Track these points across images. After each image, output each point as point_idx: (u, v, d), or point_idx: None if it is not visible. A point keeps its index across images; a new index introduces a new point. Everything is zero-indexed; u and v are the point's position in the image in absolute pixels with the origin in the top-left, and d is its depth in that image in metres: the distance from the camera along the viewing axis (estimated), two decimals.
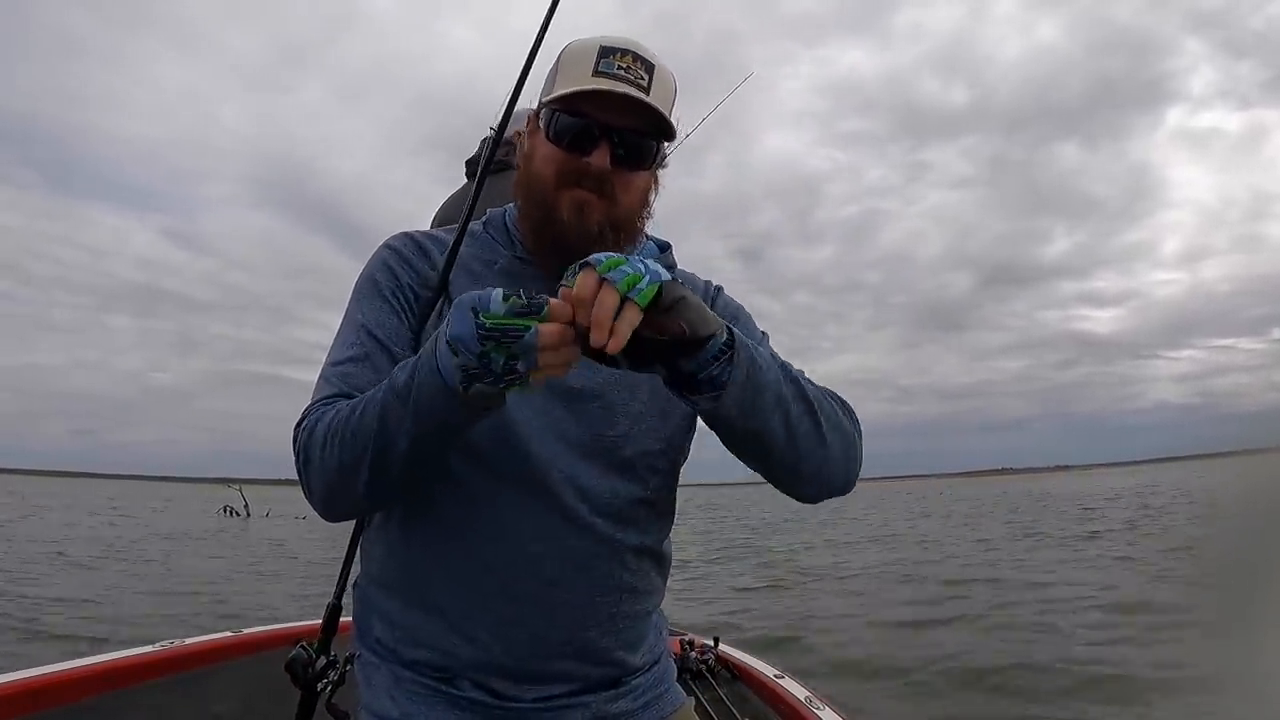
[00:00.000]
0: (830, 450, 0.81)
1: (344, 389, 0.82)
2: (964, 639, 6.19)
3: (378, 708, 0.84)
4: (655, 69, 0.85)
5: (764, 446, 0.79)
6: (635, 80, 0.83)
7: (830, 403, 0.83)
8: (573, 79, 0.84)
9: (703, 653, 2.33)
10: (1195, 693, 3.78)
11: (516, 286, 0.75)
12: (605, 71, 0.82)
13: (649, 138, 0.86)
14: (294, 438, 0.82)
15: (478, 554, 0.82)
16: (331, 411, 0.79)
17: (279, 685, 1.95)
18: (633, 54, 0.84)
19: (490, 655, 0.82)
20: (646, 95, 0.83)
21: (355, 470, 0.75)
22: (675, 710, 0.94)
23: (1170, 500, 25.10)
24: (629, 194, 0.86)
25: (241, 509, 31.89)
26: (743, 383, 0.72)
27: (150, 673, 1.92)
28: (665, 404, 0.88)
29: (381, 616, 0.88)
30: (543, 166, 0.86)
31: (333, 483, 0.78)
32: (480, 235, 0.95)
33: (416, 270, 0.90)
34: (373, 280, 0.89)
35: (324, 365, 0.86)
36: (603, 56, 0.83)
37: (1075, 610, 7.00)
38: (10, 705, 1.60)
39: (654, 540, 0.92)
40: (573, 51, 0.87)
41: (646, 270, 0.64)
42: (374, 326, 0.85)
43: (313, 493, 0.81)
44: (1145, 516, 18.87)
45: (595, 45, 0.85)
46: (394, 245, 0.92)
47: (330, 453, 0.76)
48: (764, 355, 0.76)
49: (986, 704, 4.58)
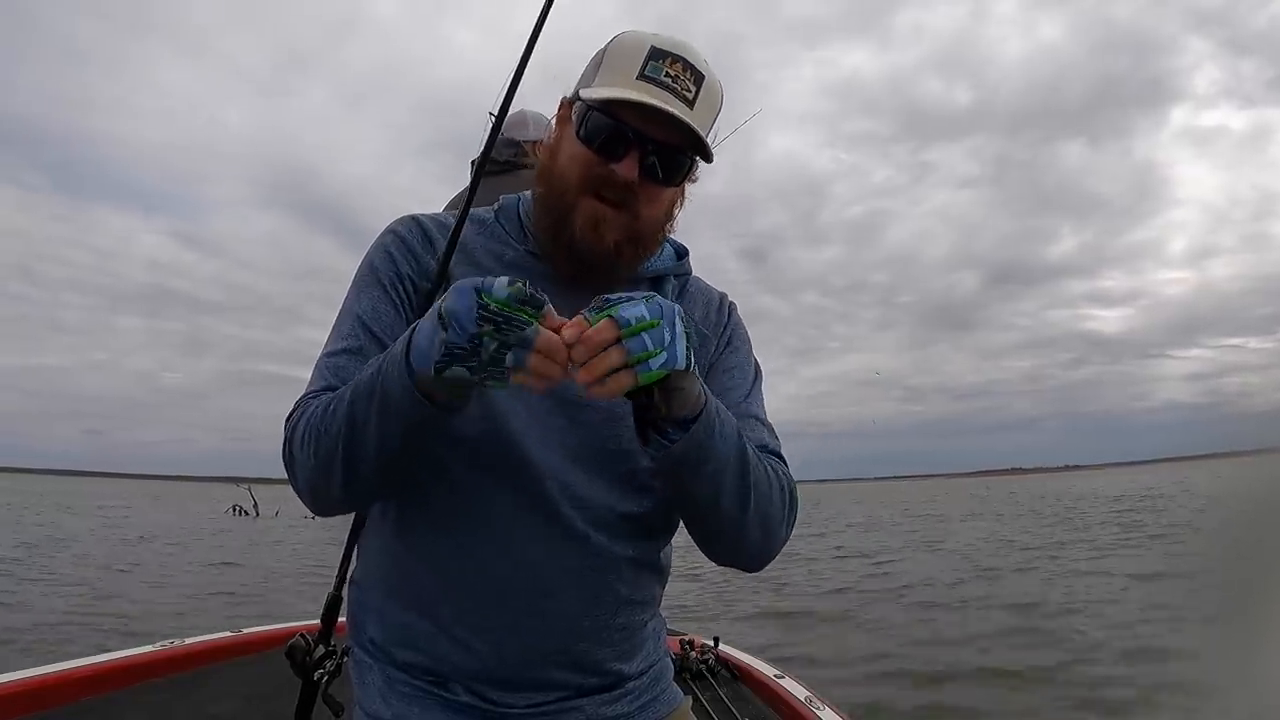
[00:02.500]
0: (747, 534, 0.81)
1: (334, 382, 0.80)
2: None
3: (371, 708, 0.84)
4: (705, 80, 0.80)
5: (689, 507, 0.80)
6: (681, 91, 0.78)
7: (769, 490, 0.81)
8: (616, 78, 0.79)
9: (702, 653, 2.32)
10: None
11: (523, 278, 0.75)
12: (652, 77, 0.78)
13: (683, 154, 0.81)
14: (283, 432, 0.81)
15: (471, 559, 0.81)
16: (315, 405, 0.77)
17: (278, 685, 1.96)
18: (684, 61, 0.79)
19: (482, 662, 0.81)
20: (690, 109, 0.78)
21: (329, 469, 0.75)
22: (672, 710, 0.93)
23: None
24: (652, 207, 0.83)
25: (251, 508, 32.00)
26: (687, 451, 0.72)
27: (150, 673, 1.93)
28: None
29: (375, 614, 0.87)
30: (568, 165, 0.82)
31: (313, 480, 0.77)
32: (490, 224, 0.91)
33: (419, 259, 0.86)
34: (373, 268, 0.86)
35: (320, 355, 0.84)
36: (651, 59, 0.78)
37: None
38: (10, 705, 1.61)
39: (652, 552, 0.90)
40: (622, 45, 0.81)
41: (667, 349, 0.63)
42: (369, 318, 0.83)
43: (300, 489, 0.80)
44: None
45: (646, 45, 0.80)
46: (398, 230, 0.88)
47: (308, 450, 0.75)
48: (725, 431, 0.75)
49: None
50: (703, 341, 0.91)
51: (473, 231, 0.89)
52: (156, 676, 1.93)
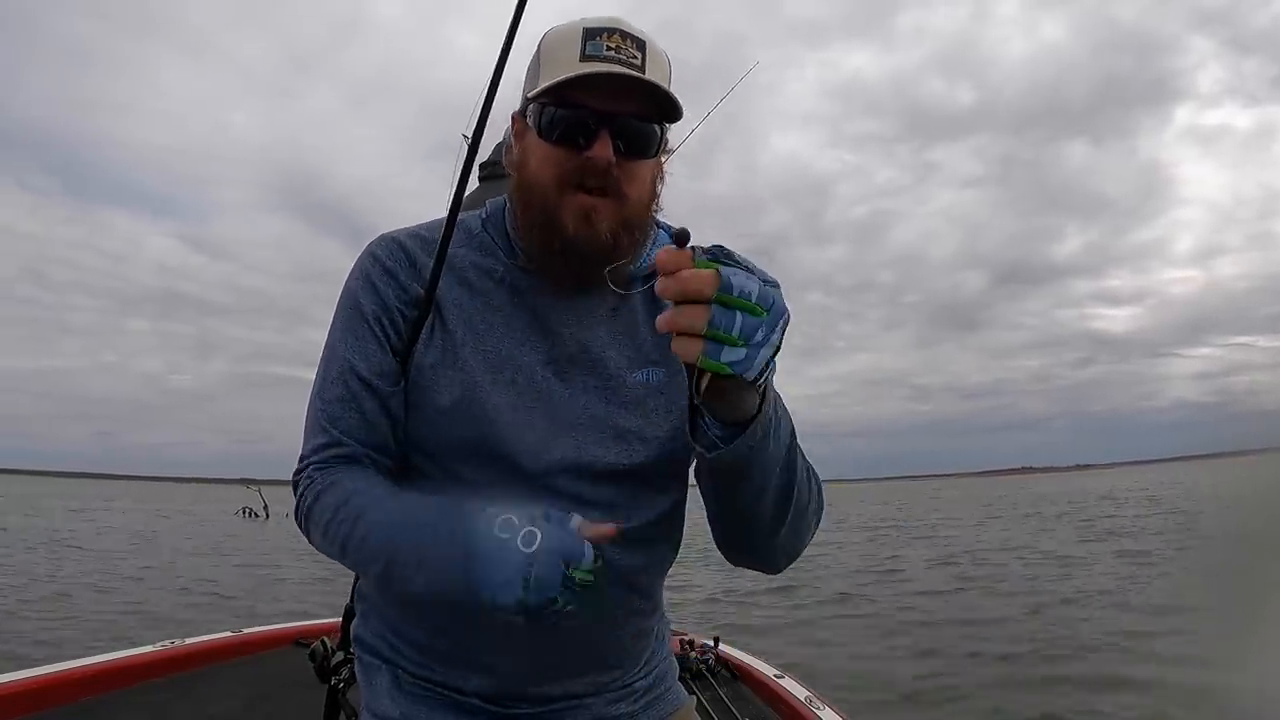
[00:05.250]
0: (776, 542, 0.79)
1: (335, 434, 0.80)
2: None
3: (378, 709, 0.83)
4: (646, 45, 0.78)
5: (722, 509, 0.77)
6: (628, 60, 0.76)
7: (809, 500, 0.79)
8: (559, 67, 0.76)
9: (703, 653, 2.32)
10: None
11: (521, 306, 0.80)
12: (594, 55, 0.75)
13: (651, 121, 0.78)
14: (294, 490, 0.81)
15: None
16: (330, 494, 0.77)
17: (279, 685, 1.97)
18: (620, 32, 0.77)
19: (495, 678, 0.82)
20: (643, 74, 0.76)
21: (356, 569, 0.81)
22: (676, 710, 0.93)
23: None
24: (635, 186, 0.79)
25: (260, 510, 32.18)
26: (734, 460, 0.69)
27: (150, 673, 1.93)
28: (678, 430, 0.84)
29: (384, 623, 0.87)
30: (540, 169, 0.78)
31: (334, 561, 0.80)
32: (478, 234, 0.88)
33: (404, 286, 0.83)
34: (356, 302, 0.83)
35: (312, 393, 0.83)
36: (588, 39, 0.76)
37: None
38: (10, 705, 1.61)
39: (660, 561, 0.90)
40: (554, 38, 0.79)
41: (749, 348, 0.58)
42: (358, 362, 0.81)
43: (316, 551, 0.83)
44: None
45: (578, 29, 0.77)
46: (378, 254, 0.84)
47: (330, 547, 0.78)
48: (779, 439, 0.71)
49: None
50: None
51: (460, 244, 0.86)
52: (156, 676, 1.94)
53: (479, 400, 0.79)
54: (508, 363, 0.81)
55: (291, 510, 0.85)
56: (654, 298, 0.79)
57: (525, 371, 0.81)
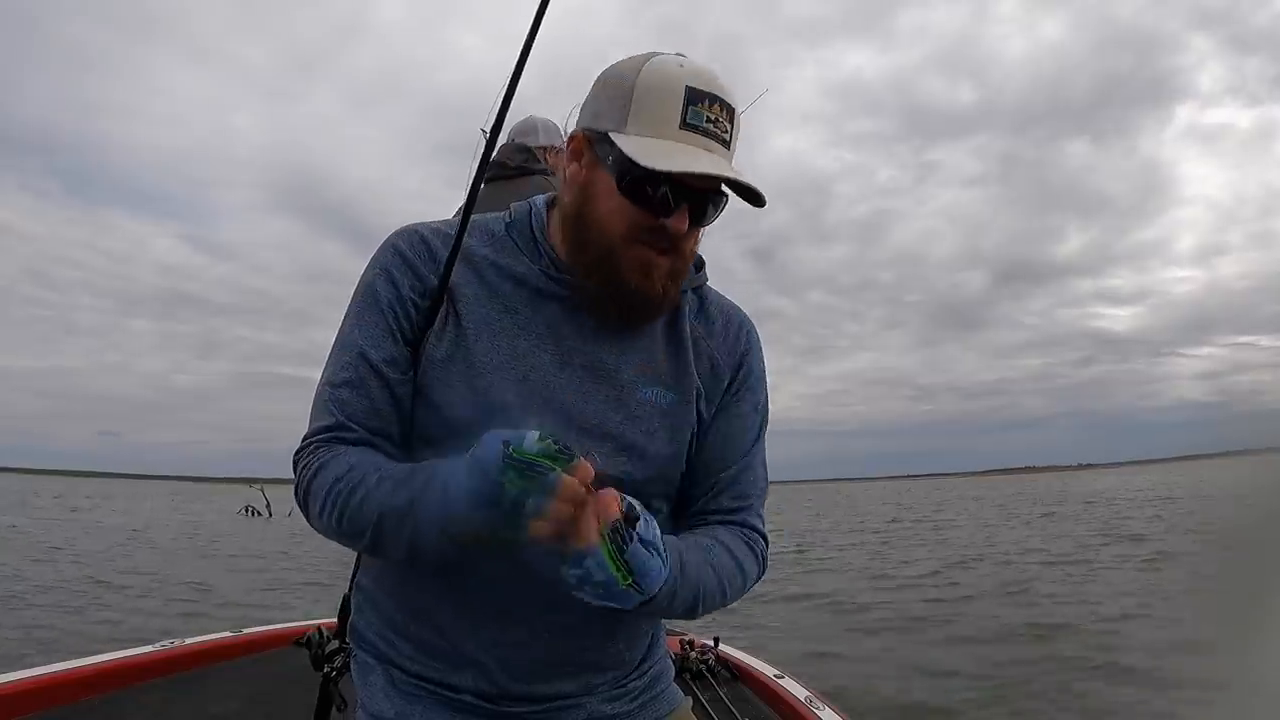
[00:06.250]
0: (686, 616, 0.82)
1: (340, 418, 0.80)
2: None
3: (374, 707, 0.84)
4: (735, 113, 0.79)
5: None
6: (720, 135, 0.77)
7: (728, 596, 0.84)
8: (656, 127, 0.76)
9: (703, 652, 2.31)
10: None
11: (540, 310, 0.79)
12: (694, 124, 0.75)
13: (722, 194, 0.81)
14: (294, 468, 0.81)
15: (478, 572, 0.80)
16: (331, 467, 0.77)
17: (279, 685, 1.97)
18: (720, 101, 0.77)
19: (490, 677, 0.82)
20: (728, 149, 0.78)
21: (353, 542, 0.80)
22: (672, 710, 0.94)
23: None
24: (691, 244, 0.83)
25: (263, 508, 32.17)
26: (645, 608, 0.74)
27: (150, 673, 1.94)
28: (678, 446, 0.86)
29: (381, 618, 0.87)
30: (609, 217, 0.79)
31: (332, 538, 0.80)
32: (500, 236, 0.87)
33: (420, 277, 0.83)
34: (372, 290, 0.83)
35: (321, 380, 0.84)
36: (691, 103, 0.75)
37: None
38: (10, 705, 1.61)
39: None
40: (655, 83, 0.77)
41: (642, 579, 0.67)
42: (369, 349, 0.81)
43: (316, 531, 0.82)
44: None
45: (680, 85, 0.76)
46: (398, 245, 0.85)
47: (328, 520, 0.77)
48: (682, 593, 0.76)
49: None
50: (714, 369, 0.90)
51: (480, 244, 0.86)
52: (156, 676, 1.94)
53: (486, 393, 0.80)
54: (520, 360, 0.82)
55: (293, 508, 0.86)
56: (673, 322, 0.88)
57: (537, 370, 0.82)
